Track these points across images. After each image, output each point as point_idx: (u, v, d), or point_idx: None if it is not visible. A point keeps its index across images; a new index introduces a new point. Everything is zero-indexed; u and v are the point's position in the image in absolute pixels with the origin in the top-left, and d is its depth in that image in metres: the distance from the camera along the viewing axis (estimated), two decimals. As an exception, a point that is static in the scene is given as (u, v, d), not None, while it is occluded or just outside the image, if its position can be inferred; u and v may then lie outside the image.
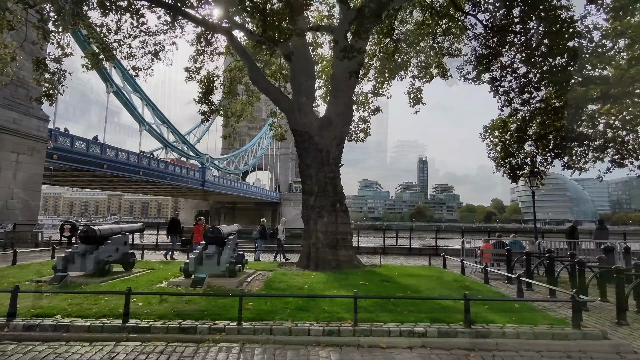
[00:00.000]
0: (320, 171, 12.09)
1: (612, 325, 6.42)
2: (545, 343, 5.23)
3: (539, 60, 13.86)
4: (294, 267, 11.81)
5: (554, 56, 13.46)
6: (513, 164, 16.73)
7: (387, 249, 18.94)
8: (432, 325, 5.58)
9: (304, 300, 6.79)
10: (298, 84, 12.62)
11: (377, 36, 18.99)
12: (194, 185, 58.38)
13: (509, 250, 10.44)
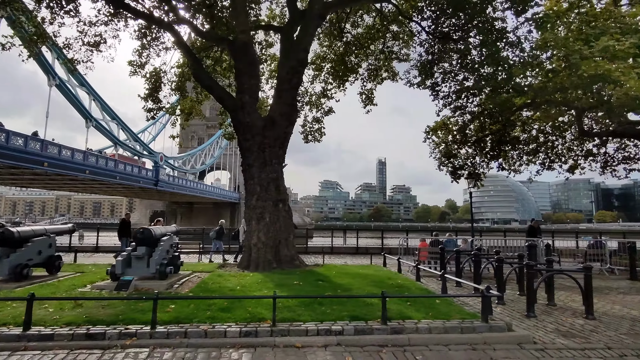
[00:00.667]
0: (263, 171, 11.98)
1: (522, 318, 6.86)
2: (454, 337, 5.48)
3: (476, 67, 14.59)
4: (234, 268, 11.60)
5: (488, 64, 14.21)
6: (455, 164, 17.50)
7: (336, 248, 19.16)
8: (350, 323, 5.67)
9: (229, 301, 6.68)
10: (241, 82, 12.43)
11: (327, 38, 19.25)
12: (146, 185, 55.91)
13: (442, 249, 10.87)
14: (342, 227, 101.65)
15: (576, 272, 7.59)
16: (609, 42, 9.47)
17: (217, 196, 79.93)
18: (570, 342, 5.60)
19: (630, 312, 7.57)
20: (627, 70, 8.64)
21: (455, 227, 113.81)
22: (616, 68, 8.77)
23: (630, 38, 9.54)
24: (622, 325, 6.56)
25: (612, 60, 9.36)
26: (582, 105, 11.39)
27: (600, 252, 12.63)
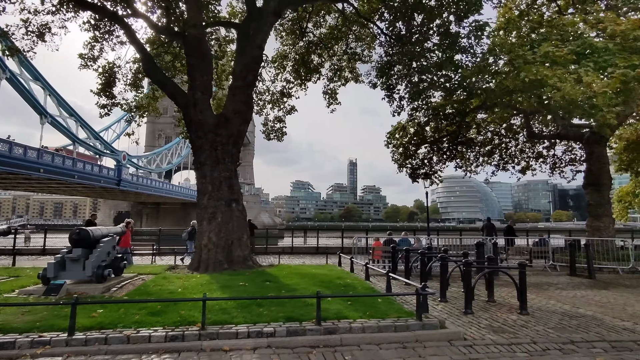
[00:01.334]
0: (215, 170, 11.67)
1: (460, 315, 6.99)
2: (387, 336, 5.48)
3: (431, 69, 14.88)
4: (184, 270, 11.23)
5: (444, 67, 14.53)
6: (413, 165, 17.81)
7: (296, 248, 19.03)
8: (284, 324, 5.56)
9: (164, 304, 6.40)
10: (193, 78, 12.06)
11: (289, 37, 19.10)
12: (108, 185, 53.75)
13: (393, 248, 10.98)
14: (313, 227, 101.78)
15: (512, 269, 7.81)
16: (548, 48, 9.88)
17: (185, 196, 77.95)
18: (499, 337, 5.73)
19: (562, 306, 7.88)
20: (564, 75, 9.02)
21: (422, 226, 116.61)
22: (554, 73, 9.15)
23: (569, 45, 9.99)
24: (551, 319, 6.81)
25: (552, 65, 9.77)
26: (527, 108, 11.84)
27: (544, 249, 13.18)
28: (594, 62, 9.43)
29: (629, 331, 6.23)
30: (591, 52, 9.64)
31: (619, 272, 11.87)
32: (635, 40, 9.58)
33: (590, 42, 9.72)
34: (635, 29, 9.75)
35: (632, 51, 9.51)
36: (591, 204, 13.82)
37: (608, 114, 8.23)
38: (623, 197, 21.00)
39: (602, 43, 9.71)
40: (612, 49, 9.53)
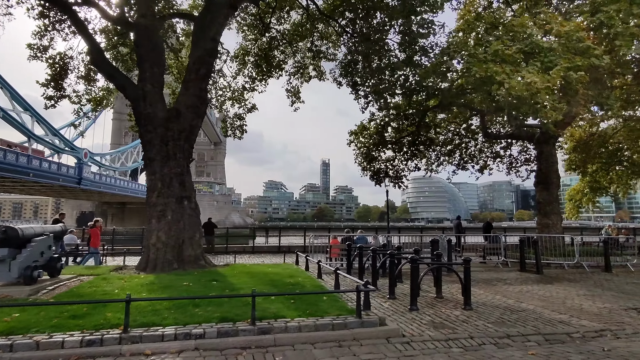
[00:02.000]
0: (166, 166, 11.17)
1: (405, 312, 6.93)
2: (324, 334, 5.31)
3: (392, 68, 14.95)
4: (132, 271, 10.67)
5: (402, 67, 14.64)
6: (375, 167, 17.84)
7: (258, 247, 18.69)
8: (216, 325, 5.27)
9: (91, 306, 5.96)
10: (143, 70, 11.51)
11: (251, 31, 18.73)
12: (68, 184, 51.21)
13: (349, 245, 10.88)
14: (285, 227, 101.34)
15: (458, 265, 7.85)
16: (498, 47, 10.07)
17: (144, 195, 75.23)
18: (438, 333, 5.69)
19: (506, 301, 8.01)
20: (512, 72, 9.20)
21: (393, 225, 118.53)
22: (502, 70, 9.32)
23: (517, 44, 10.23)
24: (493, 314, 6.87)
25: (502, 63, 9.97)
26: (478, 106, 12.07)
27: (496, 246, 13.50)
28: (540, 61, 9.70)
29: (564, 324, 6.37)
30: (538, 52, 9.90)
31: (564, 267, 12.32)
32: (579, 41, 9.91)
33: (537, 42, 9.99)
34: (579, 30, 10.10)
35: (576, 52, 9.86)
36: (540, 202, 14.31)
37: (550, 111, 8.47)
38: (574, 196, 21.96)
39: (547, 43, 10.00)
40: (557, 49, 9.84)
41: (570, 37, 10.04)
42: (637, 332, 6.03)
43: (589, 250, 12.86)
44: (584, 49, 9.81)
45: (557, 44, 9.97)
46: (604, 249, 12.01)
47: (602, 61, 9.65)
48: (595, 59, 9.68)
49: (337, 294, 7.22)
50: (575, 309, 7.45)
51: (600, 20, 10.52)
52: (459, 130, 19.53)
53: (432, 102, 14.73)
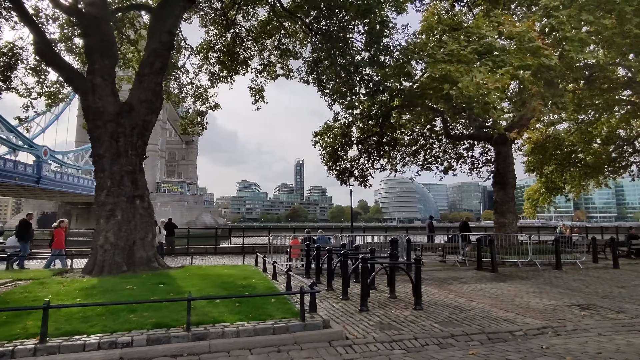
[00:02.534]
0: (116, 163, 10.62)
1: (355, 313, 6.82)
2: (263, 339, 5.09)
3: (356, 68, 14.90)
4: (77, 274, 10.07)
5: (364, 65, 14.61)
6: (340, 167, 17.76)
7: (220, 248, 18.24)
8: (147, 332, 4.94)
9: (14, 314, 5.49)
10: (92, 62, 10.90)
11: (215, 27, 18.24)
12: (25, 182, 48.50)
13: (308, 246, 10.71)
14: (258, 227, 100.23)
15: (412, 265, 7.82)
16: (453, 47, 10.19)
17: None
18: (383, 335, 5.59)
19: (458, 300, 8.06)
20: (466, 71, 9.29)
21: (365, 225, 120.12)
22: (456, 69, 9.41)
23: (472, 44, 10.38)
24: (442, 314, 6.86)
25: (458, 63, 10.09)
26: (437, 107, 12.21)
27: (455, 245, 13.71)
28: (492, 61, 9.88)
29: (509, 322, 6.43)
30: (491, 52, 10.08)
31: (519, 265, 12.66)
32: (530, 41, 10.16)
33: (490, 43, 10.17)
34: (530, 31, 10.36)
35: (526, 52, 10.11)
36: (497, 201, 14.69)
37: (499, 111, 8.62)
38: (531, 196, 22.79)
39: (500, 44, 10.21)
40: (509, 49, 10.05)
41: (522, 37, 10.28)
42: (577, 329, 6.16)
43: (541, 249, 13.28)
44: (535, 49, 10.07)
45: (509, 44, 10.20)
46: (554, 247, 12.43)
47: (551, 61, 9.93)
48: (545, 59, 9.95)
49: (288, 296, 7.01)
50: (522, 306, 7.57)
51: (552, 25, 10.85)
52: (424, 132, 19.78)
53: (396, 102, 14.79)
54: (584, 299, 8.29)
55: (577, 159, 20.35)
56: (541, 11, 11.73)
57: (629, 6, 10.78)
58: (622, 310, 7.34)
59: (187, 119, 18.94)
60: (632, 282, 10.47)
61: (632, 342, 5.55)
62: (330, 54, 15.38)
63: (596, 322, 6.54)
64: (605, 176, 22.42)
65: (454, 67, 9.66)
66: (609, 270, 12.48)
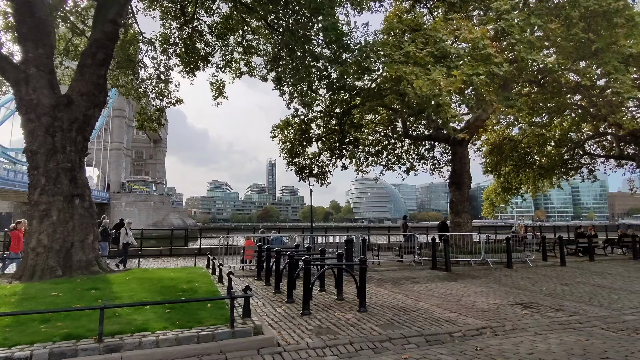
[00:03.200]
0: (52, 160, 9.86)
1: (296, 317, 6.57)
2: (185, 349, 4.73)
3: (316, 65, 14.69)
4: (5, 280, 9.26)
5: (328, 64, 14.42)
6: (300, 164, 17.50)
7: (176, 250, 17.54)
8: (52, 345, 4.48)
9: None
10: (25, 50, 10.09)
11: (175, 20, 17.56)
12: (-29, 182, 45.19)
13: (260, 247, 10.38)
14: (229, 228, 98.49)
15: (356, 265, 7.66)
16: (409, 48, 10.15)
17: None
18: (317, 340, 5.37)
19: (405, 301, 7.98)
20: (421, 73, 9.26)
21: (337, 225, 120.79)
22: (412, 71, 9.37)
23: (429, 47, 10.39)
24: (385, 316, 6.73)
25: (414, 65, 10.06)
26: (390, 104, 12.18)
27: (412, 245, 13.77)
28: (447, 66, 9.91)
29: (450, 323, 6.37)
30: (446, 57, 10.12)
31: (472, 264, 12.85)
32: (483, 48, 10.28)
33: (445, 47, 10.21)
34: (484, 38, 10.48)
35: (479, 59, 10.21)
36: (453, 201, 14.91)
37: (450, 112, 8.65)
38: (489, 196, 23.45)
39: (455, 49, 10.28)
40: (463, 55, 10.12)
41: (475, 44, 10.39)
42: (515, 329, 6.17)
43: (494, 248, 13.56)
44: (486, 57, 10.19)
45: (463, 50, 10.27)
46: (506, 246, 12.71)
47: (500, 69, 10.08)
48: (495, 67, 10.08)
49: (227, 301, 6.65)
50: (467, 306, 7.58)
51: (502, 28, 11.05)
52: (387, 132, 19.87)
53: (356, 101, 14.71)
54: (527, 298, 8.43)
55: (532, 161, 21.07)
56: (494, 14, 11.94)
57: (575, 12, 11.14)
58: (561, 308, 7.48)
59: (145, 115, 18.17)
60: (575, 280, 10.82)
61: (565, 340, 5.60)
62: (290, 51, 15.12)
63: (535, 320, 6.60)
64: (558, 177, 23.38)
65: (409, 69, 9.62)
66: (557, 268, 12.89)
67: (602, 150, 22.90)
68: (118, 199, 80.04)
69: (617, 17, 10.70)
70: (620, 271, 12.40)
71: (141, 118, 18.07)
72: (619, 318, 6.87)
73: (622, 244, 16.88)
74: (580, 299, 8.41)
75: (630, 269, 12.97)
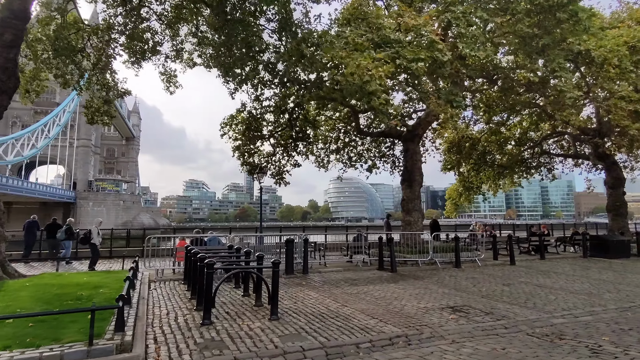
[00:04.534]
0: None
1: (195, 327, 5.86)
2: (21, 373, 3.96)
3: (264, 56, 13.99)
4: None
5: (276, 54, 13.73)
6: (254, 162, 16.69)
7: (117, 251, 16.47)
8: None
9: None
10: None
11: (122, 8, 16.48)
12: None
13: (186, 248, 9.59)
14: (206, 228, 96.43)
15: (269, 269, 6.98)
16: (350, 35, 9.61)
17: (42, 195, 65.60)
18: (198, 357, 4.67)
19: (330, 306, 7.37)
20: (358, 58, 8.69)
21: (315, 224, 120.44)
22: (348, 54, 8.81)
23: (370, 34, 9.86)
24: (296, 324, 6.09)
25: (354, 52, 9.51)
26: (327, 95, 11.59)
27: (360, 244, 13.24)
28: (387, 53, 9.40)
29: (365, 331, 5.80)
30: (387, 43, 9.62)
31: (419, 265, 12.44)
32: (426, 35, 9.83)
33: (386, 34, 9.70)
34: (426, 24, 10.04)
35: (421, 46, 9.75)
36: (404, 199, 14.49)
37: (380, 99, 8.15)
38: (452, 195, 23.31)
39: (395, 35, 9.78)
40: (404, 41, 9.64)
41: (418, 31, 9.93)
42: (433, 337, 5.66)
43: (443, 247, 13.19)
44: (429, 43, 9.74)
45: (405, 37, 9.80)
46: (454, 246, 12.36)
47: (444, 56, 9.65)
48: (439, 53, 9.64)
49: (111, 310, 5.86)
50: (393, 311, 7.05)
51: (448, 20, 10.63)
52: (347, 129, 19.34)
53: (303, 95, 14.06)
54: (462, 300, 7.99)
55: (492, 159, 21.01)
56: (441, 6, 11.53)
57: (520, 6, 10.85)
58: (492, 311, 7.06)
59: (93, 108, 17.02)
60: (518, 279, 10.53)
61: (479, 350, 5.11)
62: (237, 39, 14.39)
63: (458, 326, 6.11)
64: (519, 176, 23.47)
65: (345, 53, 9.05)
66: (505, 267, 12.64)
67: (560, 149, 23.10)
68: (85, 198, 77.12)
69: (560, 12, 10.43)
70: (566, 270, 12.24)
71: (89, 111, 16.96)
72: (547, 321, 6.48)
73: (574, 242, 16.93)
74: (516, 300, 8.04)
75: (577, 267, 12.86)
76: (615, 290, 9.12)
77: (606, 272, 11.90)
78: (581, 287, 9.50)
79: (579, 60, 13.28)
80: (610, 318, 6.76)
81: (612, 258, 14.50)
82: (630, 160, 21.46)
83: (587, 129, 18.10)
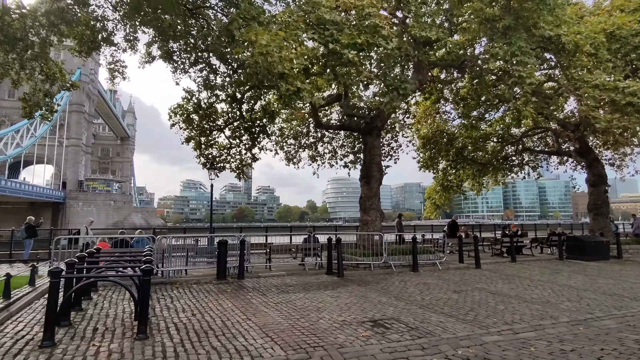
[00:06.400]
0: None
1: (33, 350, 4.76)
2: None
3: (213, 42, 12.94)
4: None
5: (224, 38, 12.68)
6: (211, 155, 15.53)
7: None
8: None
9: None
10: None
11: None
12: None
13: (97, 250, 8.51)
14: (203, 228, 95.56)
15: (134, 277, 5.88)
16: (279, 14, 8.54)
17: (28, 195, 64.54)
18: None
19: (231, 319, 6.27)
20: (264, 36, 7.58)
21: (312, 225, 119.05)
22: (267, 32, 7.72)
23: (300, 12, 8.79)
24: (165, 345, 5.00)
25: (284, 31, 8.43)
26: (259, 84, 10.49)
27: (314, 246, 12.13)
28: (319, 34, 8.31)
29: (241, 356, 4.70)
30: (320, 24, 8.52)
31: (372, 268, 11.33)
32: (369, 17, 8.73)
33: (320, 14, 8.60)
34: (370, 5, 8.94)
35: (363, 29, 8.65)
36: (362, 196, 13.41)
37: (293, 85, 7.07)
38: (431, 195, 22.15)
39: (332, 15, 8.68)
40: (341, 23, 8.54)
41: (360, 12, 8.83)
42: (322, 361, 4.56)
43: (402, 249, 12.06)
44: (372, 27, 8.63)
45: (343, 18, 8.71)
46: (412, 248, 11.25)
47: (388, 44, 8.55)
48: (382, 40, 8.54)
49: None
50: (302, 326, 5.95)
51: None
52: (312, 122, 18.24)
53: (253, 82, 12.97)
54: (395, 311, 6.89)
55: (471, 157, 19.89)
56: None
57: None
58: (419, 326, 5.96)
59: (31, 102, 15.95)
60: (475, 285, 9.44)
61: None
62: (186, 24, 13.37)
63: (365, 348, 5.00)
64: (503, 175, 22.37)
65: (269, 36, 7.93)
66: (469, 270, 11.54)
67: (545, 146, 21.98)
68: (75, 198, 76.10)
69: (523, -8, 9.35)
70: (534, 274, 11.13)
71: (27, 105, 15.87)
72: (478, 339, 5.38)
73: (551, 243, 15.82)
74: (458, 311, 6.94)
75: (547, 270, 11.74)
76: (577, 298, 8.01)
77: (576, 276, 10.78)
78: (540, 294, 8.40)
79: (550, 47, 12.18)
80: (557, 334, 5.67)
81: (589, 260, 13.41)
82: (616, 158, 20.36)
83: (567, 123, 16.97)
